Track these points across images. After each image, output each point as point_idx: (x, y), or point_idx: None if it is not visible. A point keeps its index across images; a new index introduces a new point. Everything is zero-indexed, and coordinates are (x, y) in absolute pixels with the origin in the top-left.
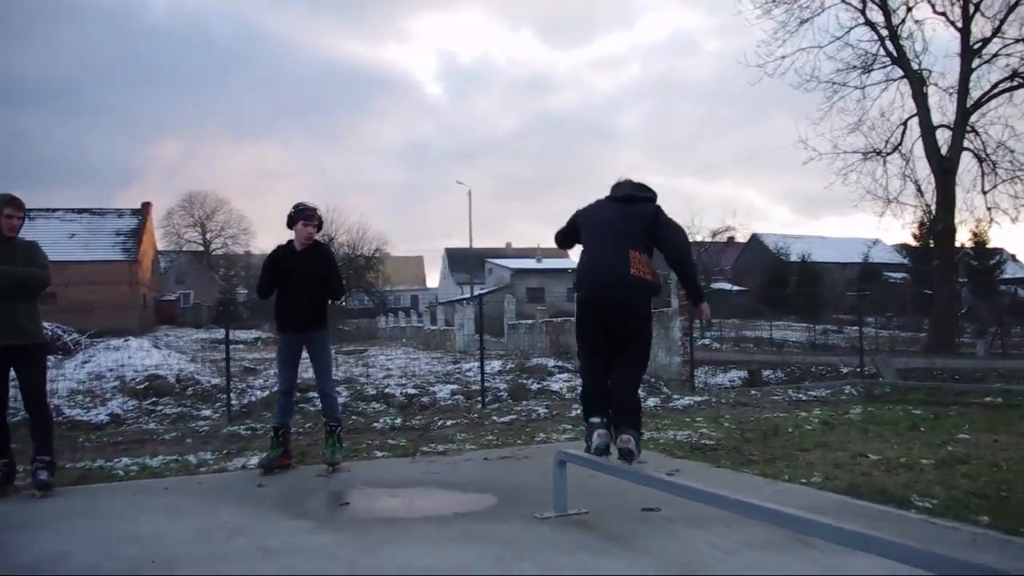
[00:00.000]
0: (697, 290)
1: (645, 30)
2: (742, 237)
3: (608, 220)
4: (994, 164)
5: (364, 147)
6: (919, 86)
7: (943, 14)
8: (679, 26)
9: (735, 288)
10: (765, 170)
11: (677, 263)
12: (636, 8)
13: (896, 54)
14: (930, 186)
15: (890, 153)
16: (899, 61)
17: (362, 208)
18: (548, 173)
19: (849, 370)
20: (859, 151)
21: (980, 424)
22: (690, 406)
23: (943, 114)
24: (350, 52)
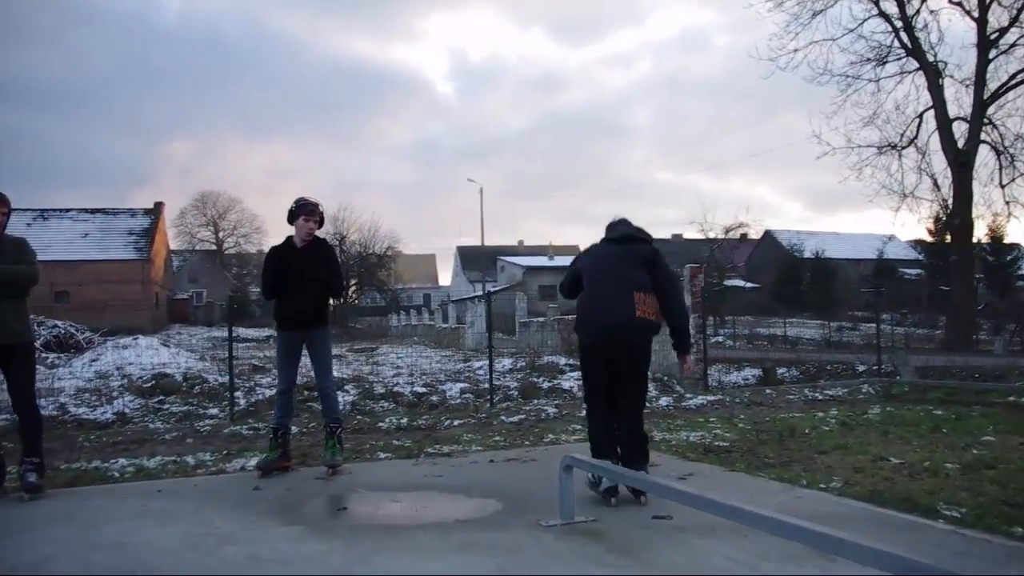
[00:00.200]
0: (685, 340)
1: (655, 27)
2: (755, 234)
3: (610, 262)
4: (1012, 157)
5: (375, 146)
6: (935, 78)
7: (959, 4)
8: (689, 23)
9: (748, 285)
10: (777, 166)
11: (669, 311)
12: (646, 5)
13: (911, 46)
14: (946, 180)
15: (905, 147)
16: (914, 53)
17: (374, 206)
18: (559, 171)
19: (865, 368)
20: (874, 145)
21: (1005, 425)
22: (703, 405)
23: (959, 106)
24: (361, 51)
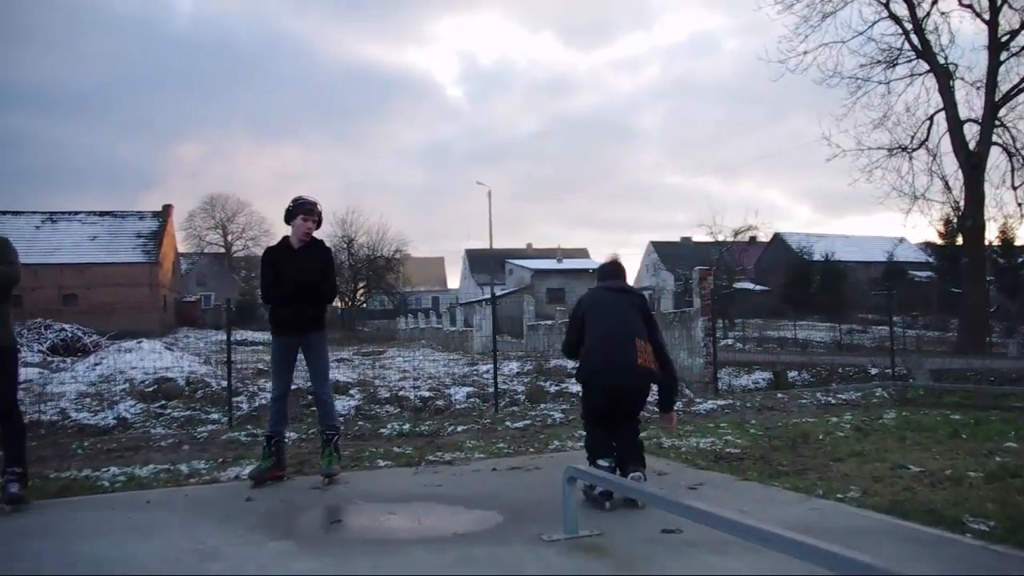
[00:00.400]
0: (674, 397)
1: (664, 31)
2: (764, 236)
3: (612, 311)
4: None
5: (385, 149)
6: (946, 80)
7: (969, 6)
8: (698, 27)
9: (757, 288)
10: (786, 169)
11: (662, 363)
12: (655, 9)
13: (921, 48)
14: (958, 182)
15: (916, 149)
16: (924, 55)
17: (382, 209)
18: (568, 174)
19: (878, 371)
20: (884, 147)
21: None
22: (713, 410)
23: (970, 108)
24: (371, 55)
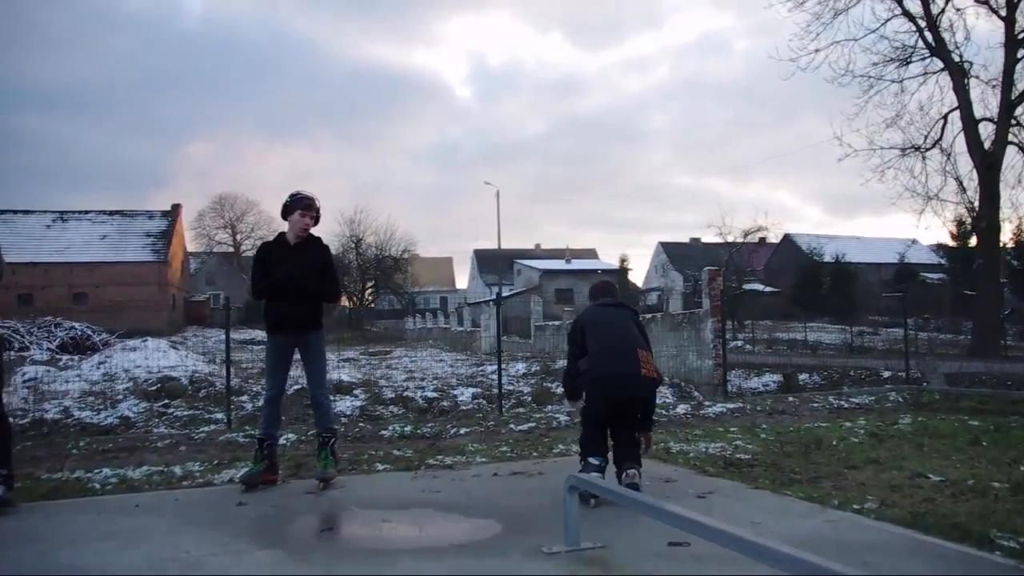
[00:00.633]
0: (650, 417)
1: (674, 31)
2: (774, 237)
3: (613, 325)
4: None
5: (394, 149)
6: (960, 78)
7: (985, 3)
8: (708, 27)
9: (767, 289)
10: (796, 170)
11: None
12: (665, 9)
13: (935, 45)
14: (972, 182)
15: (930, 148)
16: (939, 52)
17: (391, 209)
18: (577, 174)
19: (891, 374)
20: (897, 147)
21: None
22: (723, 414)
23: (985, 107)
24: (380, 55)
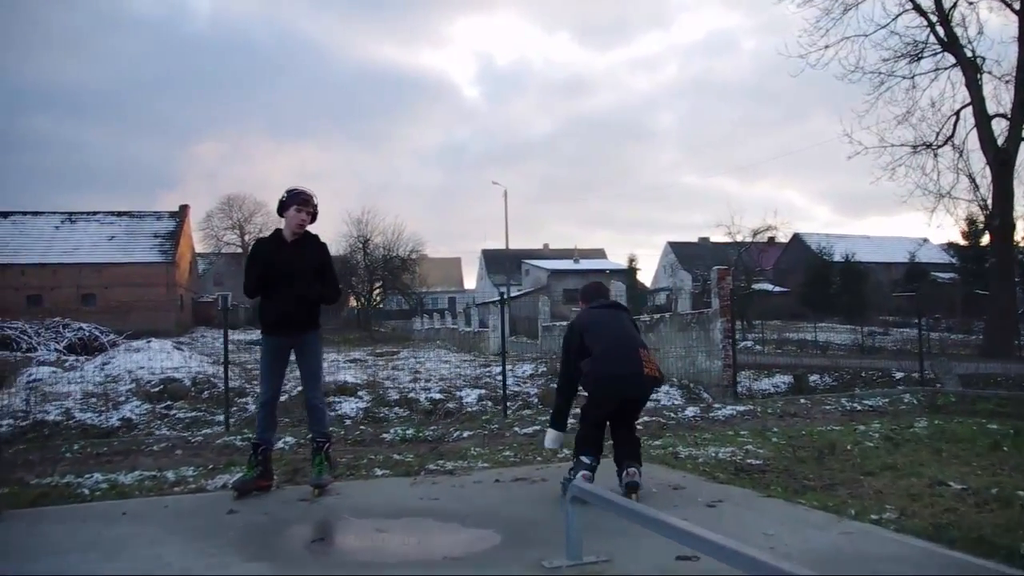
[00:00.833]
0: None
1: (682, 30)
2: (783, 237)
3: (612, 326)
4: None
5: (401, 149)
6: (973, 73)
7: None
8: (716, 25)
9: (776, 289)
10: (805, 170)
11: None
12: (673, 8)
13: (947, 40)
14: (985, 180)
15: (941, 145)
16: (951, 48)
17: (398, 210)
18: (585, 174)
19: (903, 375)
20: (908, 144)
21: None
22: (733, 416)
23: (998, 103)
24: (387, 56)
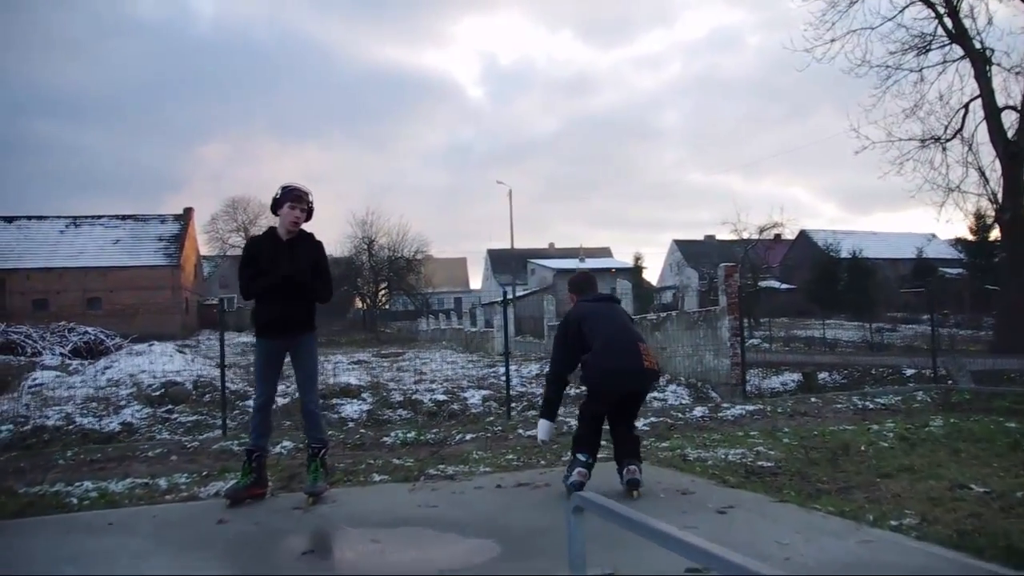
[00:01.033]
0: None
1: (685, 28)
2: (790, 234)
3: (610, 319)
4: None
5: (406, 150)
6: (982, 65)
7: None
8: (720, 22)
9: (783, 286)
10: (810, 166)
11: None
12: (676, 5)
13: (956, 32)
14: (994, 173)
15: (950, 139)
16: (959, 39)
17: (403, 211)
18: (590, 173)
19: (914, 372)
20: (916, 138)
21: None
22: (742, 416)
23: (1008, 95)
24: (391, 57)
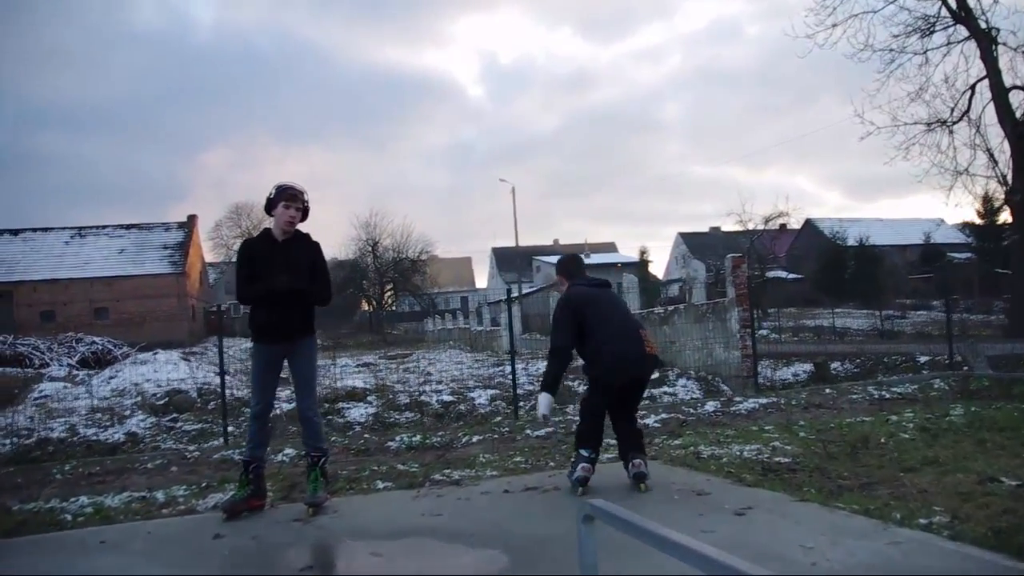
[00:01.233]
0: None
1: (685, 19)
2: (795, 223)
3: (610, 305)
4: None
5: (408, 151)
6: (988, 45)
7: None
8: (719, 13)
9: (790, 276)
10: (814, 155)
11: None
12: None
13: (960, 12)
14: (1003, 155)
15: (957, 121)
16: (964, 20)
17: (407, 211)
18: (593, 169)
19: (928, 359)
20: (922, 122)
21: None
22: (755, 410)
23: (1015, 75)
24: (391, 58)
